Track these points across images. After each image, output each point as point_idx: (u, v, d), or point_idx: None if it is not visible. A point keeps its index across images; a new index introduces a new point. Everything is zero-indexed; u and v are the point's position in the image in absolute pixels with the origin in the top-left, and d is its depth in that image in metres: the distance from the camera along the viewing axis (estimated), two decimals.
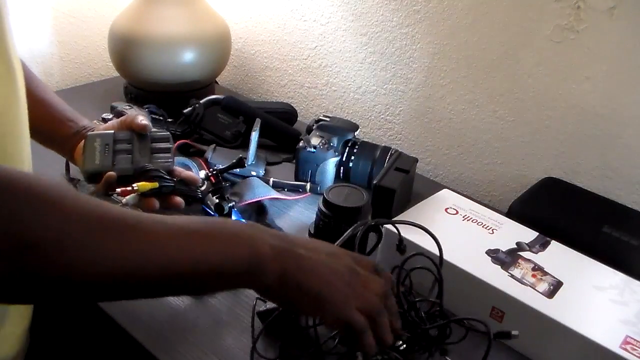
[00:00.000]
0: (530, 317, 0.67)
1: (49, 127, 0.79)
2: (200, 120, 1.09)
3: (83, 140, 0.76)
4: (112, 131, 0.74)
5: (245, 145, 1.04)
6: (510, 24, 0.98)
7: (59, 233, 0.40)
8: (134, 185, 0.69)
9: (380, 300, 0.55)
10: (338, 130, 0.99)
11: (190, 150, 1.07)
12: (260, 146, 1.05)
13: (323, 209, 0.75)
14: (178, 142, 1.06)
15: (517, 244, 0.78)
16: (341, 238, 0.68)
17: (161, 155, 0.75)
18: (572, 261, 0.76)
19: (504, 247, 0.76)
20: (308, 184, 0.98)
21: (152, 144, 0.74)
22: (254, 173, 0.98)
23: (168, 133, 0.79)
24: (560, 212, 0.89)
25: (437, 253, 0.69)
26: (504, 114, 1.04)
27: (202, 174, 0.91)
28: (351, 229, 0.68)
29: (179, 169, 0.79)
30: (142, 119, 0.78)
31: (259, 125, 1.03)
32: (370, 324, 0.53)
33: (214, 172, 0.79)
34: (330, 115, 1.03)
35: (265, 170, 1.03)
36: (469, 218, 0.83)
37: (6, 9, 0.54)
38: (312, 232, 0.83)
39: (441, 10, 1.06)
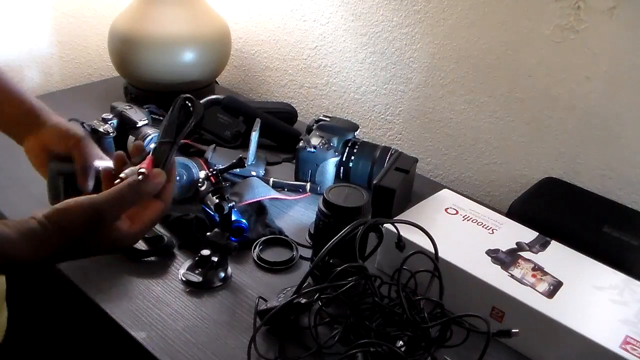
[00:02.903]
0: (530, 317, 0.67)
1: None
2: (200, 120, 1.09)
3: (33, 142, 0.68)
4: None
5: (245, 145, 1.04)
6: (510, 24, 0.98)
7: None
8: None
9: None
10: (338, 130, 0.99)
11: (190, 150, 1.07)
12: (260, 146, 1.05)
13: (323, 209, 0.75)
14: None
15: (517, 244, 0.78)
16: (338, 236, 0.68)
17: None
18: (572, 261, 0.76)
19: (504, 247, 0.76)
20: (308, 184, 0.98)
21: None
22: (254, 173, 0.98)
23: None
24: (560, 212, 0.89)
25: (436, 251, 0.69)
26: (504, 114, 1.04)
27: (202, 174, 0.91)
28: (348, 227, 0.68)
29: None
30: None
31: (259, 125, 1.03)
32: None
33: (214, 172, 0.79)
34: (330, 115, 1.03)
35: (265, 170, 1.03)
36: (469, 218, 0.83)
37: None
38: (312, 232, 0.83)
39: (441, 10, 1.06)
